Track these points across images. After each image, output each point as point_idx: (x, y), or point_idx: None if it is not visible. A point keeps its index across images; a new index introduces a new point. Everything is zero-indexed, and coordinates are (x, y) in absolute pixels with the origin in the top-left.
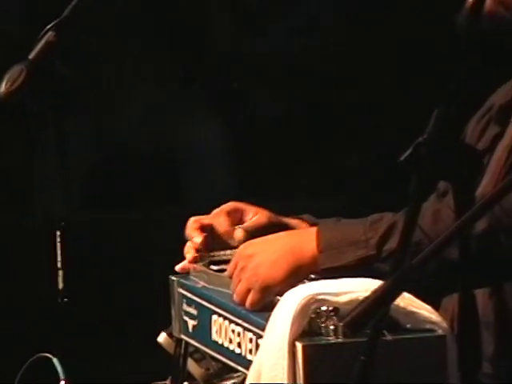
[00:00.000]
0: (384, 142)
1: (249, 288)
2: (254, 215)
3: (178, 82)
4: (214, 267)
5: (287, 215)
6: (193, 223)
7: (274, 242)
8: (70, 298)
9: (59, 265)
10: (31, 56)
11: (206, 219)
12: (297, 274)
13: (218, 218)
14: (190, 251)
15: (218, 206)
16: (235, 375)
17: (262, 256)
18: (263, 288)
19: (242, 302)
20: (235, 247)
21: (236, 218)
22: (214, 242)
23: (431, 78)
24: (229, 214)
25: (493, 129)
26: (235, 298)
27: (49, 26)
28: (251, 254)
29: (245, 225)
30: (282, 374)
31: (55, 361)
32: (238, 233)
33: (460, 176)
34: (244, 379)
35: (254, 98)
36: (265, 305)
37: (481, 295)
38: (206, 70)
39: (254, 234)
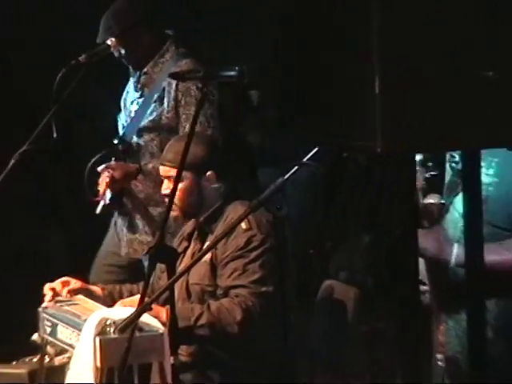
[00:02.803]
0: None
1: None
2: (74, 283)
3: None
4: (58, 304)
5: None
6: (47, 285)
7: None
8: None
9: None
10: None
11: (52, 284)
12: None
13: (57, 284)
14: (46, 297)
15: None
16: (69, 352)
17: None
18: None
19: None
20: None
21: (67, 284)
22: (56, 294)
23: None
24: (63, 282)
25: (184, 243)
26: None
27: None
28: None
29: (69, 287)
30: (91, 352)
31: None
32: (64, 292)
33: (170, 265)
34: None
35: None
36: None
37: None
38: None
39: (75, 291)
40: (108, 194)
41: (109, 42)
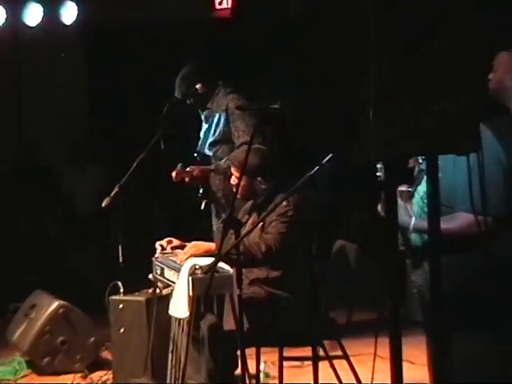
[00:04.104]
0: None
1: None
2: (175, 242)
3: None
4: (165, 255)
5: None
6: (158, 243)
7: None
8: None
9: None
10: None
11: (161, 242)
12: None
13: (164, 241)
14: (157, 249)
15: None
16: (171, 286)
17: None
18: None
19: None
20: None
21: (170, 242)
22: (163, 248)
23: None
24: (168, 241)
25: (245, 217)
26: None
27: (116, 186)
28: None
29: (172, 244)
30: (185, 286)
31: (120, 285)
32: (169, 247)
33: (237, 230)
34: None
35: None
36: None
37: None
38: None
39: (175, 247)
40: (201, 190)
41: (197, 86)
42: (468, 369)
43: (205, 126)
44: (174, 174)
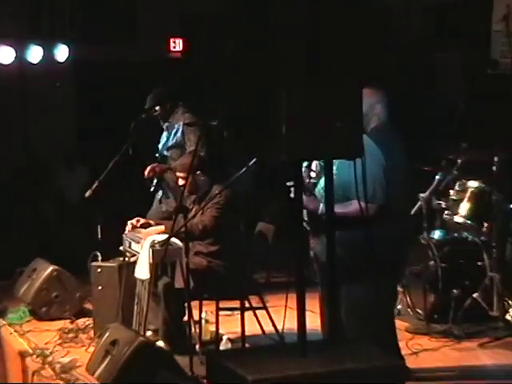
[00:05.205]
0: None
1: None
2: (142, 220)
3: None
4: (132, 232)
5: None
6: (129, 222)
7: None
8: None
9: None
10: (92, 188)
11: (131, 221)
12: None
13: (134, 220)
14: (128, 227)
15: None
16: (137, 256)
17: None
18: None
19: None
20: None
21: (138, 221)
22: (133, 225)
23: None
24: (137, 220)
25: (191, 205)
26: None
27: (96, 181)
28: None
29: (141, 222)
30: (147, 256)
31: (98, 254)
32: (139, 224)
33: (185, 214)
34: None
35: None
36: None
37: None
38: None
39: (142, 225)
40: (155, 181)
41: (156, 108)
42: (352, 314)
43: (165, 134)
44: (146, 172)
